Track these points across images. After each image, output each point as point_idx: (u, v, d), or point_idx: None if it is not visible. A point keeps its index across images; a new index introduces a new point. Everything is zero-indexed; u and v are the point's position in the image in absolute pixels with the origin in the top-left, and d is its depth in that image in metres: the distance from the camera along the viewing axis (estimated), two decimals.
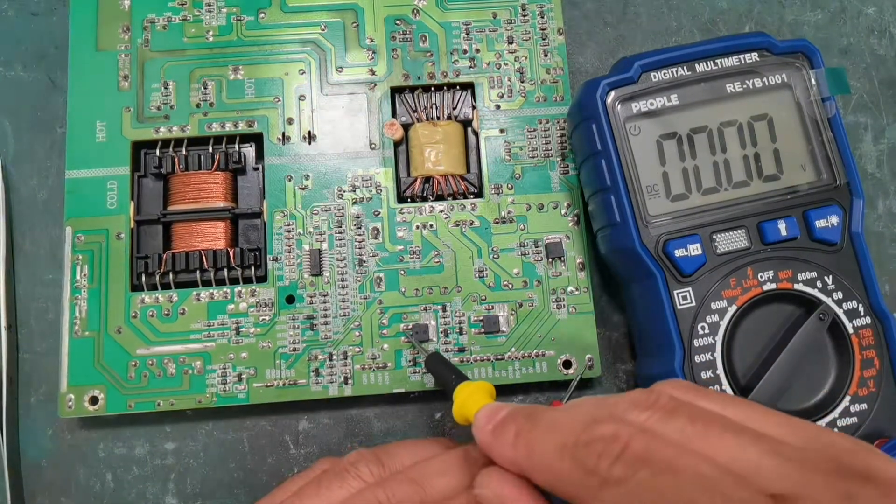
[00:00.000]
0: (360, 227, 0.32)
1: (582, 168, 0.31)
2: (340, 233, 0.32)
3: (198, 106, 0.33)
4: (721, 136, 0.29)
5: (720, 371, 0.27)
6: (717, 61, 0.29)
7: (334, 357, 0.31)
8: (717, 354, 0.27)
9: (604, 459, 0.18)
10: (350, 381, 0.31)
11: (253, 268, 0.32)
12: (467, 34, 0.34)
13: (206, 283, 0.32)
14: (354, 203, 0.32)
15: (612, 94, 0.28)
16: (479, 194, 0.33)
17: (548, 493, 0.21)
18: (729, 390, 0.27)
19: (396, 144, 0.33)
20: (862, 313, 0.28)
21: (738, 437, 0.18)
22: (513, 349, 0.31)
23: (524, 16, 0.34)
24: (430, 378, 0.31)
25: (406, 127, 0.34)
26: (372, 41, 0.34)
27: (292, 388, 0.31)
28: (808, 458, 0.17)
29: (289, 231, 0.32)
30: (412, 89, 0.34)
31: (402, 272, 0.32)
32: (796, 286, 0.28)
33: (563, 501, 0.20)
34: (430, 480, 0.24)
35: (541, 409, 0.22)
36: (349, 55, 0.34)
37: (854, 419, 0.27)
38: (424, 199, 0.33)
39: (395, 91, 0.34)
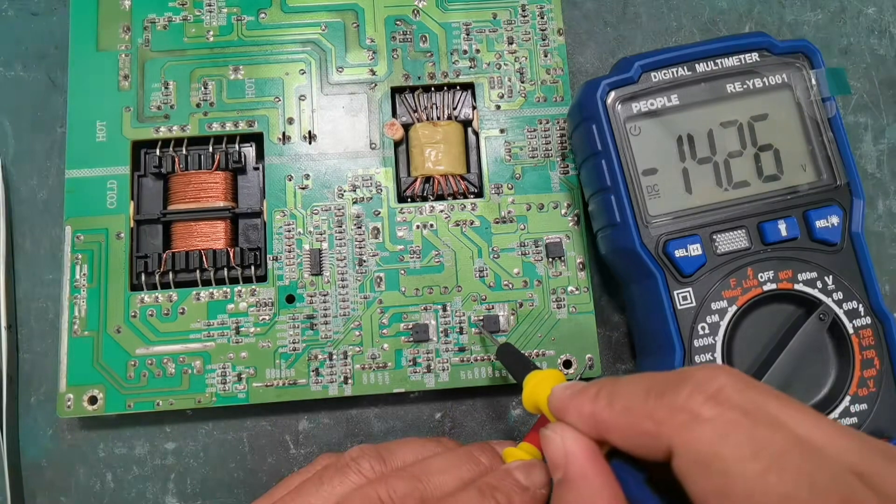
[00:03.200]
0: (360, 227, 0.32)
1: (582, 168, 0.31)
2: (340, 232, 0.32)
3: (198, 106, 0.33)
4: (721, 136, 0.29)
5: None
6: (718, 61, 0.29)
7: (334, 357, 0.31)
8: (718, 355, 0.27)
9: (695, 396, 0.18)
10: (350, 380, 0.31)
11: (253, 267, 0.32)
12: (467, 34, 0.34)
13: (206, 283, 0.32)
14: (355, 203, 0.32)
15: (613, 94, 0.28)
16: (480, 194, 0.33)
17: (617, 469, 0.21)
18: None
19: (397, 144, 0.33)
20: (862, 313, 0.27)
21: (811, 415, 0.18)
22: None
23: (524, 16, 0.34)
24: (431, 378, 0.31)
25: (406, 127, 0.34)
26: (372, 41, 0.34)
27: (292, 388, 0.31)
28: (867, 442, 0.17)
29: (289, 231, 0.32)
30: (412, 89, 0.34)
31: (403, 272, 0.32)
32: (796, 286, 0.28)
33: (630, 473, 0.20)
34: (432, 478, 0.23)
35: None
36: (349, 55, 0.34)
37: (854, 419, 0.27)
38: (424, 199, 0.33)
39: (396, 91, 0.34)
